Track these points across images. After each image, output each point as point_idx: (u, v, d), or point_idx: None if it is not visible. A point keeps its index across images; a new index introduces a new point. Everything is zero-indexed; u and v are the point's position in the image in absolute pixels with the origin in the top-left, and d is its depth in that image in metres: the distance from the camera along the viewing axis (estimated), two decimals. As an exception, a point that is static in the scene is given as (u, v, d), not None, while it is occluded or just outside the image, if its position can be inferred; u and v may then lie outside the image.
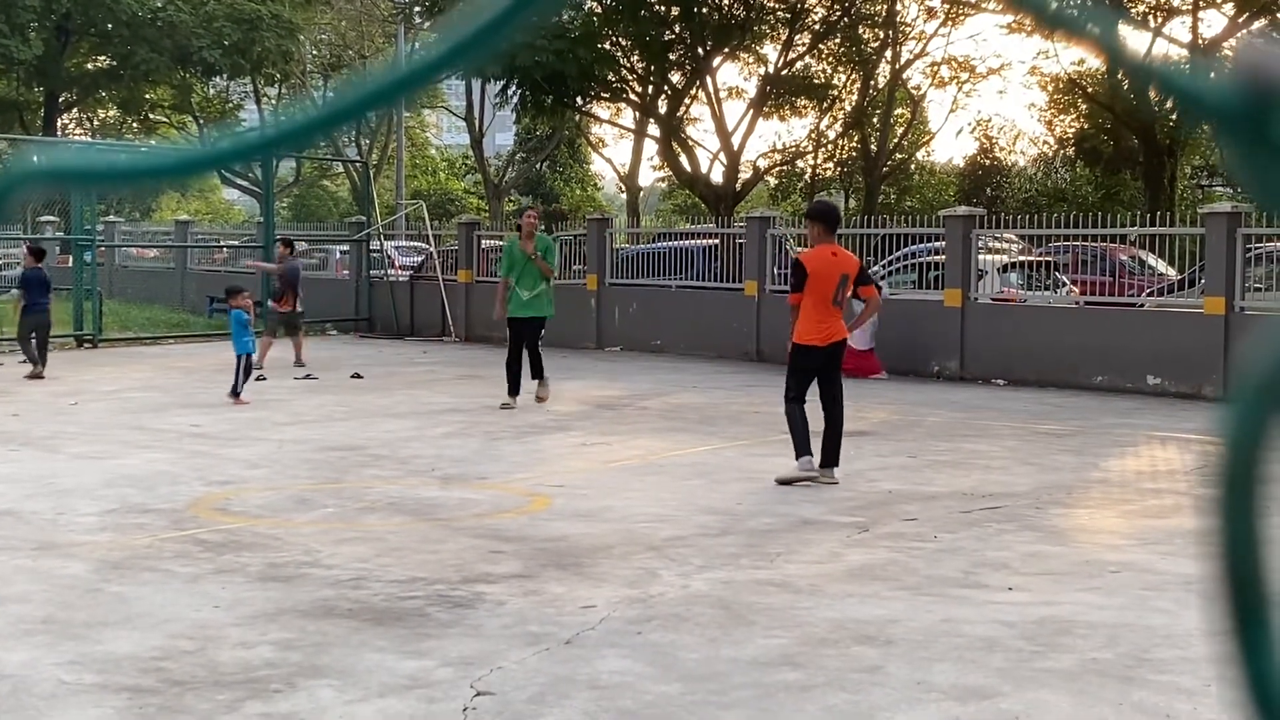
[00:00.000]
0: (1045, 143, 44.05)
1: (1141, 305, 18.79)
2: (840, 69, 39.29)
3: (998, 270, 20.22)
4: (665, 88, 34.18)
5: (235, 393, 15.69)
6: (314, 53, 54.24)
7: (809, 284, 10.61)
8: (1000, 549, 8.38)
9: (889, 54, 38.52)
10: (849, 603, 7.09)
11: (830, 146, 42.77)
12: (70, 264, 26.04)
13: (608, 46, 32.41)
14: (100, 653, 6.15)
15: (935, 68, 41.27)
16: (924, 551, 8.29)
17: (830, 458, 10.63)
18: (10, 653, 6.12)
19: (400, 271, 29.15)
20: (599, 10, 31.99)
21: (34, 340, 18.60)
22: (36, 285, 18.88)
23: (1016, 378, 18.48)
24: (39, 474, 10.82)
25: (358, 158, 50.54)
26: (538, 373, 15.56)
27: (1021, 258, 20.92)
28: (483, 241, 27.15)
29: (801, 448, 10.55)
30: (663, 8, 31.71)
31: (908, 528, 9.01)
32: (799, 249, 23.01)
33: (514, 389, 15.47)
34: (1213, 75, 0.62)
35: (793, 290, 10.78)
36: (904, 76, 40.46)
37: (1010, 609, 6.97)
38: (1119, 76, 33.25)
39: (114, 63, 44.35)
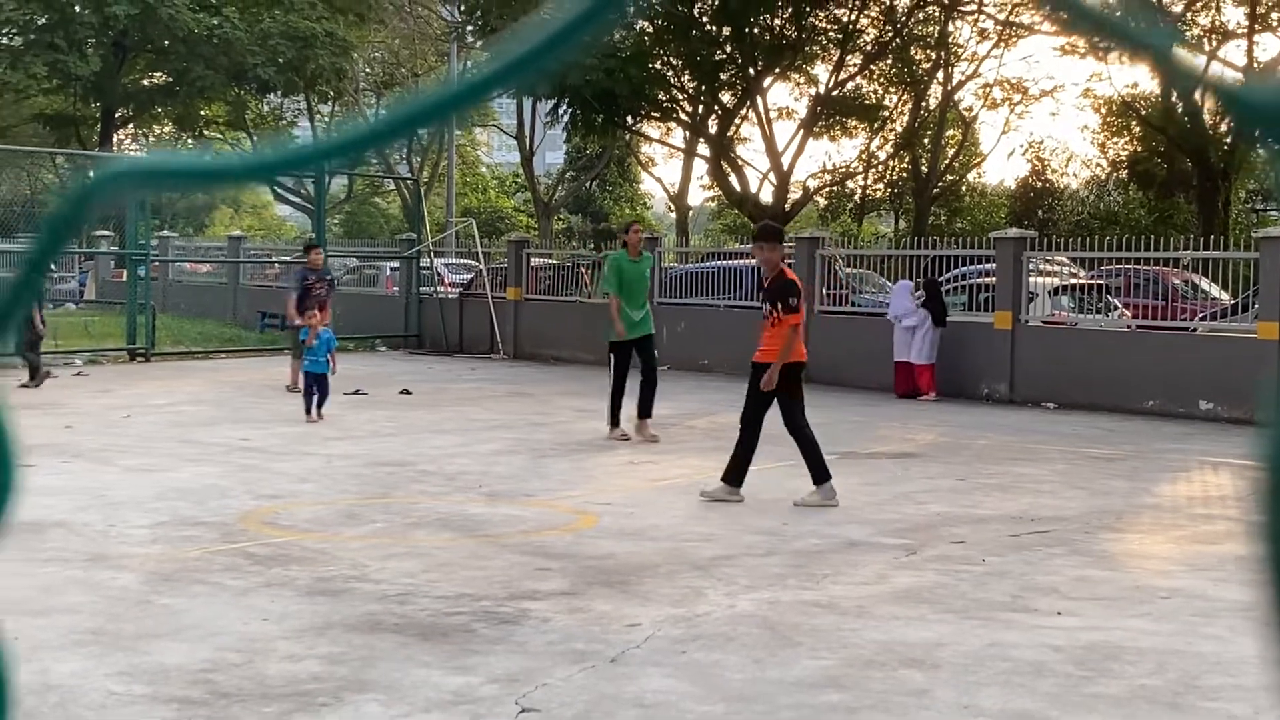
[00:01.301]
0: (1098, 165, 43.80)
1: (1194, 330, 18.62)
2: (891, 90, 39.23)
3: (1049, 293, 20.10)
4: (715, 107, 34.21)
5: (309, 410, 15.68)
6: (367, 70, 54.63)
7: (799, 316, 10.67)
8: (1049, 573, 8.32)
9: (941, 75, 38.42)
10: (895, 625, 7.06)
11: (880, 167, 42.68)
12: (125, 278, 26.28)
13: (658, 66, 32.49)
14: (149, 664, 6.19)
15: (987, 89, 41.16)
16: (972, 575, 8.25)
17: (824, 473, 10.64)
18: (61, 663, 6.18)
19: (449, 288, 29.27)
20: (650, 30, 32.07)
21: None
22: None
23: (1067, 401, 18.35)
24: (91, 486, 10.92)
25: (409, 175, 50.83)
26: (648, 406, 14.33)
27: (1073, 280, 20.79)
28: (532, 259, 27.24)
29: (739, 476, 10.62)
30: (714, 28, 31.77)
31: (956, 550, 8.96)
32: (848, 270, 23.04)
33: (616, 420, 14.43)
34: (1269, 88, 0.63)
35: (797, 310, 10.75)
36: (956, 98, 40.35)
37: (1059, 634, 6.92)
38: (1175, 95, 33.04)
39: (170, 79, 44.81)
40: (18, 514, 0.70)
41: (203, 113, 49.94)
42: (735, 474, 10.72)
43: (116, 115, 46.17)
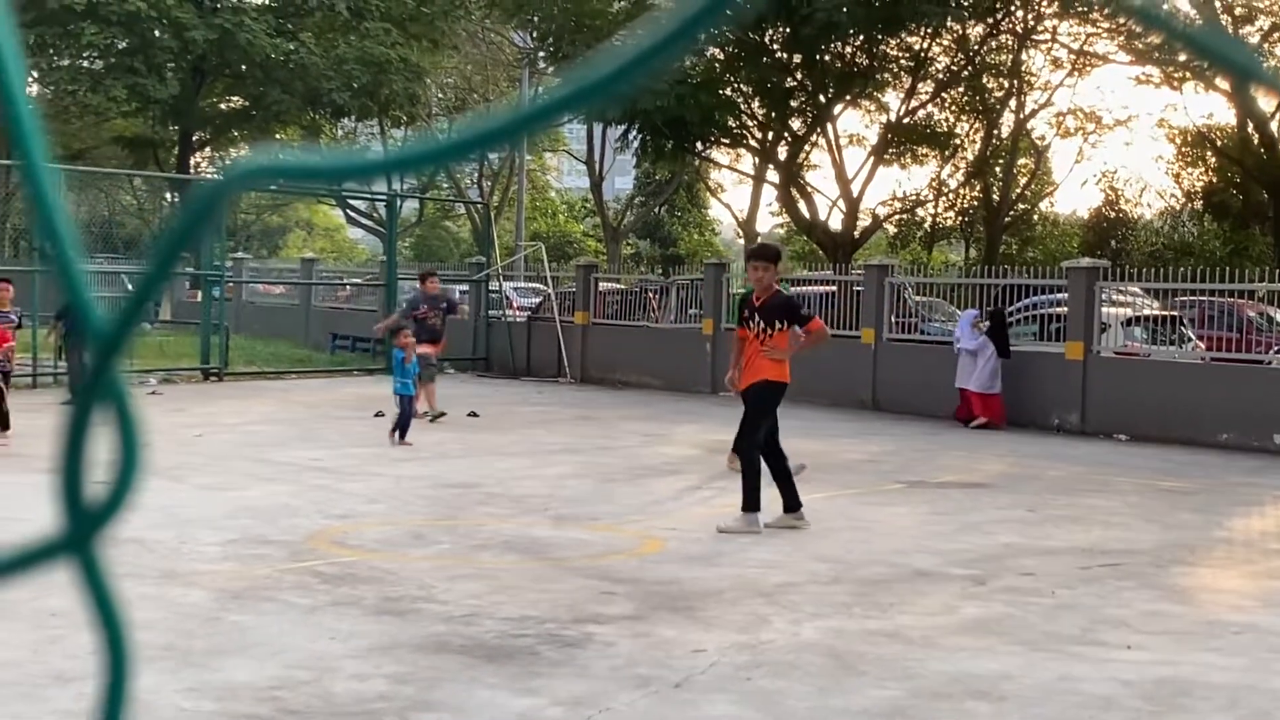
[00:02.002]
0: (1172, 196, 43.33)
1: (1269, 363, 18.38)
2: (963, 118, 39.04)
3: (1121, 324, 19.91)
4: (785, 134, 34.21)
5: (394, 430, 15.71)
6: (439, 96, 55.08)
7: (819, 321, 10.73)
8: (1120, 606, 8.22)
9: (1013, 103, 38.20)
10: (962, 656, 7.00)
11: (951, 195, 42.46)
12: (199, 299, 26.61)
13: (729, 92, 32.54)
14: (219, 680, 6.26)
15: (1061, 118, 40.86)
16: (1041, 607, 8.17)
17: (796, 501, 10.72)
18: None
19: (518, 312, 29.40)
20: (721, 57, 32.14)
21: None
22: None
23: (1139, 433, 18.15)
24: (164, 504, 11.04)
25: (479, 199, 51.15)
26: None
27: (1146, 312, 20.58)
28: (600, 284, 27.32)
29: (757, 503, 10.52)
30: (785, 55, 31.79)
31: (1025, 582, 8.88)
32: (917, 298, 22.93)
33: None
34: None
35: (812, 317, 10.85)
36: (1028, 126, 40.10)
37: (1129, 668, 6.84)
38: (1251, 125, 32.68)
39: (246, 103, 45.42)
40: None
41: (278, 136, 50.54)
42: (751, 500, 10.69)
43: (194, 138, 46.82)
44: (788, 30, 30.06)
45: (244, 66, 41.24)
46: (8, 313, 15.63)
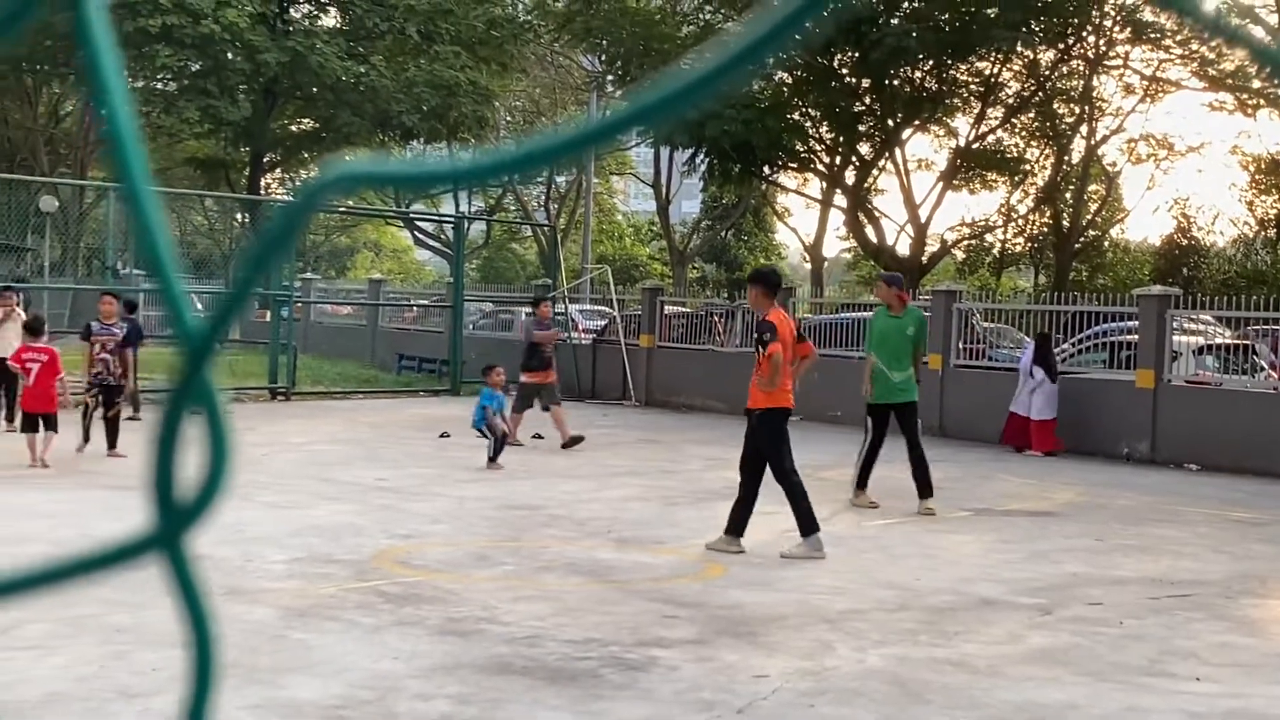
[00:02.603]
0: (1245, 223, 42.82)
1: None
2: (1033, 143, 38.79)
3: (1193, 352, 19.68)
4: (853, 158, 34.12)
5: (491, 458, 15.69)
6: (508, 119, 55.42)
7: (776, 346, 10.63)
8: (1189, 638, 8.11)
9: (1084, 129, 37.91)
10: (1029, 686, 6.93)
11: (1020, 221, 42.18)
12: (268, 319, 26.87)
13: (797, 116, 32.51)
14: (284, 698, 6.29)
15: (1132, 144, 40.50)
16: (1108, 637, 8.07)
17: (741, 528, 10.65)
18: (198, 693, 6.29)
19: (583, 334, 29.46)
20: (789, 81, 32.13)
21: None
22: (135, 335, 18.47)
23: (1210, 463, 17.92)
24: (230, 521, 11.12)
25: (546, 222, 51.37)
26: (924, 483, 13.06)
27: (1218, 340, 20.34)
28: (666, 307, 27.33)
29: (813, 522, 10.49)
30: (853, 79, 31.73)
31: (1092, 612, 8.78)
32: (984, 324, 22.78)
33: (864, 482, 13.44)
34: None
35: (771, 341, 10.66)
36: (1099, 152, 39.77)
37: (1198, 700, 6.74)
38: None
39: (317, 125, 45.88)
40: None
41: (347, 158, 50.92)
42: (744, 524, 10.74)
43: (265, 159, 47.36)
44: (856, 55, 30.02)
45: (315, 89, 41.68)
46: (111, 325, 15.74)
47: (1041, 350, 19.32)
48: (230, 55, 39.75)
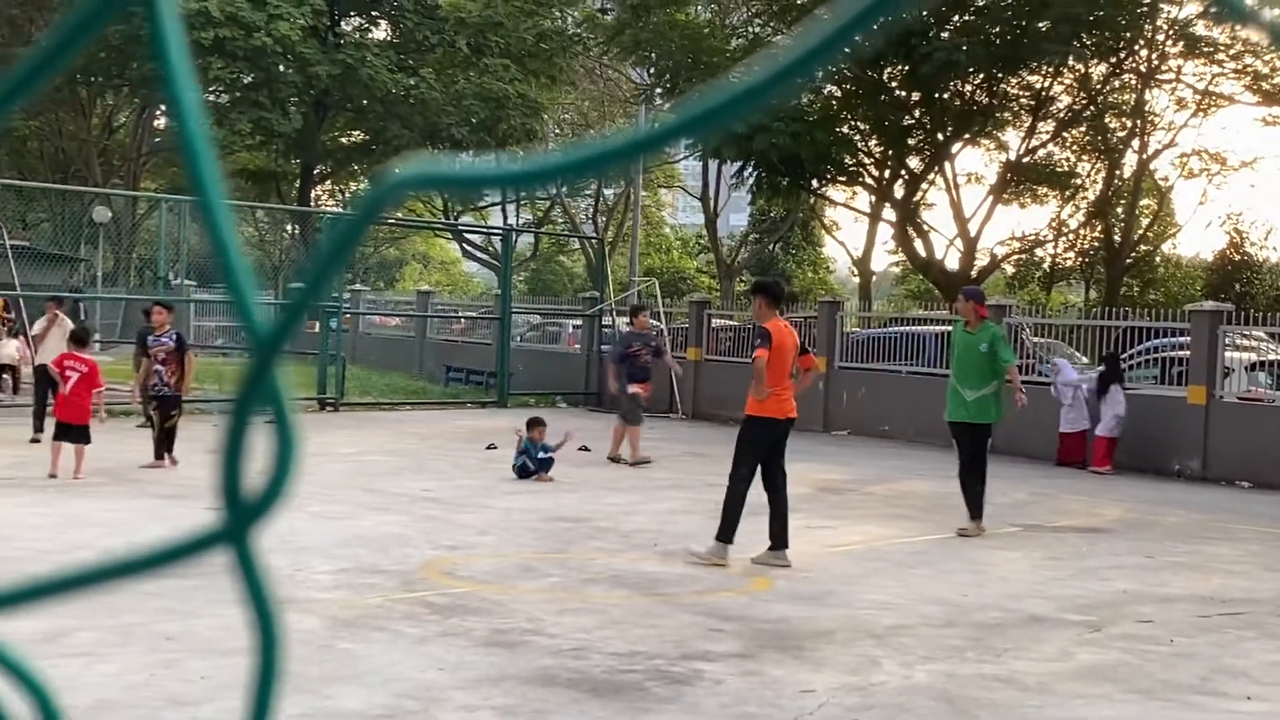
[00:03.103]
0: (1299, 239, 42.43)
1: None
2: (1085, 158, 38.54)
3: (1245, 368, 19.50)
4: (902, 172, 34.00)
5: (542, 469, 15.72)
6: (557, 131, 55.58)
7: (771, 356, 10.68)
8: (1240, 656, 8.02)
9: (1136, 144, 37.64)
10: (1078, 704, 6.87)
11: (1071, 236, 41.90)
12: (316, 329, 27.06)
13: (846, 130, 32.44)
14: (330, 707, 6.31)
15: (1185, 159, 40.15)
16: (1159, 655, 7.99)
17: (783, 540, 10.63)
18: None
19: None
20: (838, 94, 32.06)
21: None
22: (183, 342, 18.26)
23: (1262, 480, 17.74)
24: (278, 531, 11.18)
25: (594, 234, 51.46)
26: (976, 504, 12.59)
27: (1272, 356, 20.14)
28: (713, 320, 27.32)
29: (731, 532, 10.49)
30: (903, 92, 31.64)
31: (1142, 629, 8.70)
32: (1035, 339, 22.63)
33: (976, 510, 12.61)
34: None
35: (759, 347, 10.81)
36: (1151, 167, 39.47)
37: (1249, 719, 6.67)
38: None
39: (367, 137, 46.19)
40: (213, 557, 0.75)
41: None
42: (783, 537, 10.70)
43: (315, 171, 47.71)
44: (906, 68, 29.94)
45: (365, 101, 41.97)
46: (161, 336, 15.69)
47: (1112, 368, 19.22)
48: (282, 68, 40.10)
